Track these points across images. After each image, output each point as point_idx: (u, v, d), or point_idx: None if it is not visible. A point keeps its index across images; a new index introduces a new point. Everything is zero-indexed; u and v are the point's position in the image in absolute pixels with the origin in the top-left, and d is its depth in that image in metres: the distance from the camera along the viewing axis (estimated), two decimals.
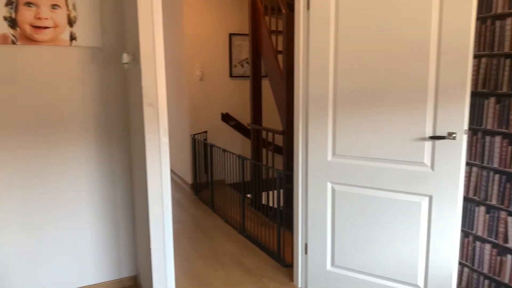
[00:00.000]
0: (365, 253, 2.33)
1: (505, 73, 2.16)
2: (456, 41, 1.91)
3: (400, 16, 2.04)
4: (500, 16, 2.16)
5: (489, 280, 2.33)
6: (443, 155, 2.01)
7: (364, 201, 2.28)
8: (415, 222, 2.15)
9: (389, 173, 2.18)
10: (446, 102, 1.97)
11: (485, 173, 2.30)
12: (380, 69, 2.13)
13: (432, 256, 2.13)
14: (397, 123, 2.11)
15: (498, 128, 2.22)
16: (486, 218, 2.31)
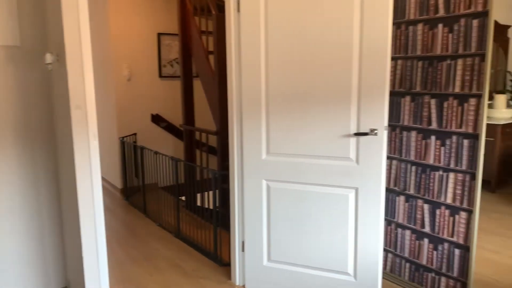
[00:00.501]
0: (299, 246, 2.43)
1: (418, 74, 2.38)
2: (376, 44, 2.07)
3: (325, 20, 2.16)
4: (412, 22, 2.37)
5: (409, 263, 2.55)
6: (366, 150, 2.17)
7: (297, 196, 2.38)
8: (344, 213, 2.28)
9: (319, 169, 2.29)
10: (368, 101, 2.12)
11: (404, 165, 2.52)
12: (308, 70, 2.24)
13: (360, 244, 2.28)
14: (325, 121, 2.23)
15: (413, 124, 2.44)
16: (406, 206, 2.54)
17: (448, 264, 2.34)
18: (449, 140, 2.27)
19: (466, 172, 2.21)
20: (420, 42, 2.34)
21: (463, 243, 2.26)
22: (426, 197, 2.42)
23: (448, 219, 2.32)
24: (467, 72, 2.15)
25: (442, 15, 2.22)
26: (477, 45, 2.09)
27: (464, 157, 2.21)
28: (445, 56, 2.23)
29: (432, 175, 2.37)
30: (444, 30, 2.22)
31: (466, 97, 2.17)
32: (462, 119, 2.20)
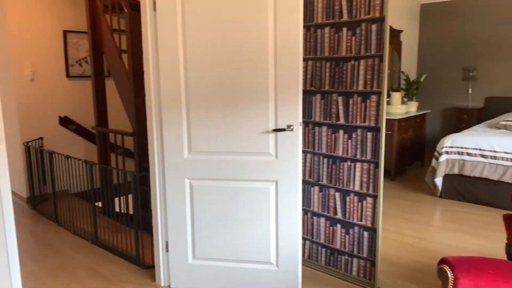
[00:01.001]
0: (224, 242, 2.49)
1: (326, 74, 2.59)
2: (289, 46, 2.21)
3: (242, 21, 2.25)
4: (320, 25, 2.57)
5: (325, 249, 2.76)
6: (284, 145, 2.30)
7: (221, 193, 2.44)
8: (265, 206, 2.40)
9: (241, 164, 2.38)
10: (284, 99, 2.25)
11: (317, 158, 2.72)
12: (227, 69, 2.31)
13: (280, 234, 2.42)
14: (245, 118, 2.32)
15: (324, 120, 2.64)
16: (320, 196, 2.74)
17: (358, 246, 2.58)
18: (355, 134, 2.50)
19: (371, 161, 2.46)
20: (327, 44, 2.55)
21: (370, 225, 2.51)
22: (337, 186, 2.64)
23: (357, 205, 2.55)
24: (369, 71, 2.39)
25: (346, 19, 2.44)
26: (376, 48, 2.34)
27: (368, 148, 2.46)
28: (349, 57, 2.46)
29: (341, 165, 2.59)
30: (348, 33, 2.44)
31: (368, 94, 2.42)
32: (366, 114, 2.44)
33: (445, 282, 1.56)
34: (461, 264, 1.55)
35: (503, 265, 1.59)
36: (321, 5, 2.53)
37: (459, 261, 1.57)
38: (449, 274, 1.54)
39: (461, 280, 1.51)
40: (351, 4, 2.40)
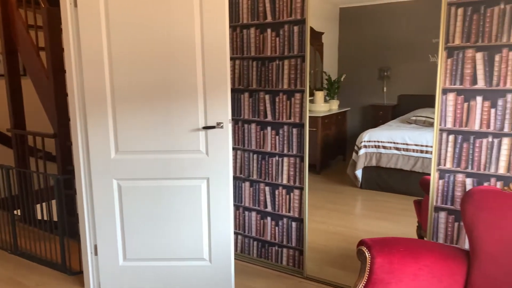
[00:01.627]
0: (156, 241, 2.48)
1: (253, 73, 2.68)
2: (216, 46, 2.26)
3: (169, 20, 2.26)
4: (246, 26, 2.66)
5: (256, 241, 2.86)
6: (214, 142, 2.35)
7: (152, 192, 2.42)
8: (197, 203, 2.43)
9: (172, 163, 2.38)
10: (213, 97, 2.30)
11: (247, 155, 2.81)
12: (156, 67, 2.30)
13: (213, 230, 2.46)
14: (175, 116, 2.33)
15: (252, 117, 2.74)
16: (251, 191, 2.83)
17: (287, 236, 2.71)
18: (282, 130, 2.62)
19: (296, 156, 2.60)
20: (253, 44, 2.64)
21: (298, 216, 2.65)
22: (266, 180, 2.74)
23: (285, 197, 2.68)
24: (292, 71, 2.52)
25: (270, 21, 2.55)
26: (299, 48, 2.48)
27: (294, 143, 2.60)
28: (274, 57, 2.57)
29: (270, 161, 2.70)
30: (272, 34, 2.56)
31: (292, 92, 2.55)
32: (291, 111, 2.57)
33: (363, 261, 1.71)
34: (376, 244, 1.72)
35: (412, 242, 1.79)
36: (246, 6, 2.62)
37: (375, 241, 1.74)
38: (367, 254, 1.70)
39: (377, 259, 1.67)
40: (274, 6, 2.51)
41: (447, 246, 1.82)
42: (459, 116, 2.05)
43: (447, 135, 2.09)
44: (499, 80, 1.93)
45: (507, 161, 1.95)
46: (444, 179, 2.13)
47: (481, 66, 1.96)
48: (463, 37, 1.98)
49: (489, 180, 2.01)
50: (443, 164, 2.12)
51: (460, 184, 2.08)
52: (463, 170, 2.07)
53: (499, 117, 1.95)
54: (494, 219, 1.64)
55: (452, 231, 2.14)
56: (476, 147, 2.02)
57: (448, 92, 2.06)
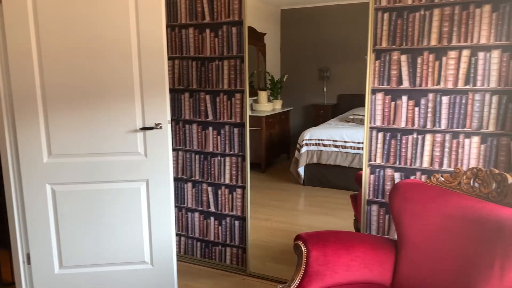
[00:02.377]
0: (95, 246, 2.40)
1: (193, 73, 2.67)
2: (153, 45, 2.23)
3: (103, 18, 2.19)
4: (184, 25, 2.64)
5: (200, 242, 2.86)
6: (153, 143, 2.32)
7: (89, 196, 2.34)
8: (137, 206, 2.38)
9: (110, 165, 2.32)
10: (150, 98, 2.27)
11: (189, 155, 2.79)
12: (91, 67, 2.22)
13: (154, 233, 2.42)
14: (112, 118, 2.27)
15: (194, 117, 2.73)
16: (193, 191, 2.82)
17: (231, 235, 2.74)
18: (223, 130, 2.64)
19: (238, 155, 2.63)
20: (192, 44, 2.63)
21: (240, 215, 2.69)
22: (209, 180, 2.75)
23: (228, 196, 2.70)
24: (232, 71, 2.55)
25: (208, 21, 2.56)
26: (237, 49, 2.51)
27: (235, 143, 2.63)
28: (213, 57, 2.58)
29: (212, 161, 2.71)
30: (211, 34, 2.57)
31: (232, 92, 2.57)
32: (232, 111, 2.60)
33: (300, 255, 1.78)
34: (312, 238, 1.79)
35: (345, 235, 1.89)
36: (184, 6, 2.61)
37: (310, 236, 1.82)
38: (303, 248, 1.77)
39: (312, 252, 1.75)
40: (212, 7, 2.52)
41: (377, 237, 1.93)
42: (387, 115, 2.18)
43: (376, 132, 2.22)
44: (421, 80, 2.08)
45: (430, 155, 2.11)
46: (375, 174, 2.26)
47: (406, 68, 2.10)
48: (389, 40, 2.12)
49: (415, 174, 2.16)
50: (374, 160, 2.24)
51: (389, 178, 2.22)
52: (391, 165, 2.21)
53: (422, 115, 2.10)
54: (418, 210, 1.77)
55: (384, 223, 2.28)
56: (403, 143, 2.16)
57: (376, 92, 2.18)
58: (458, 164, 2.05)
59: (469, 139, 2.02)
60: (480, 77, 1.96)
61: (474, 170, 1.73)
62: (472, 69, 1.97)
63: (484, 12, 1.92)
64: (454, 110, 2.03)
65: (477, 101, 1.98)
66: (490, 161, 1.99)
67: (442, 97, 2.05)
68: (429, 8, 2.01)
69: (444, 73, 2.03)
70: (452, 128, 2.05)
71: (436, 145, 2.09)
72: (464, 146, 2.04)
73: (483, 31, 1.93)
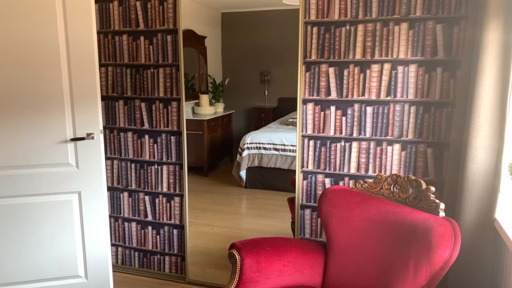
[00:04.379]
0: (23, 262, 2.29)
1: (128, 80, 2.63)
2: (83, 52, 2.16)
3: (30, 24, 2.09)
4: (118, 32, 2.59)
5: (138, 252, 2.81)
6: (85, 154, 2.25)
7: (17, 210, 2.23)
8: (69, 218, 2.30)
9: (38, 178, 2.22)
10: (81, 107, 2.20)
11: (124, 164, 2.74)
12: (15, 74, 2.11)
13: (88, 245, 2.36)
14: (40, 128, 2.17)
15: (129, 125, 2.68)
16: (130, 201, 2.77)
17: (169, 244, 2.72)
18: (160, 138, 2.62)
19: (176, 163, 2.62)
20: (126, 51, 2.59)
21: (179, 223, 2.68)
22: (146, 189, 2.72)
23: (166, 205, 2.69)
24: (168, 79, 2.54)
25: (143, 29, 2.52)
26: (173, 57, 2.50)
27: (173, 151, 2.62)
28: (149, 65, 2.55)
29: (149, 169, 2.68)
30: (145, 42, 2.53)
31: (169, 100, 2.56)
32: (168, 119, 2.59)
33: (234, 263, 1.82)
34: (245, 246, 1.84)
35: (278, 241, 1.96)
36: (117, 13, 2.55)
37: (244, 244, 1.86)
38: (237, 256, 1.81)
39: (246, 260, 1.80)
40: (147, 15, 2.49)
41: (308, 241, 2.03)
42: (317, 124, 2.28)
43: (308, 140, 2.32)
44: (348, 91, 2.20)
45: (356, 162, 2.25)
46: (307, 179, 2.36)
47: (334, 80, 2.21)
48: (318, 53, 2.22)
49: (344, 179, 2.28)
50: (306, 166, 2.34)
51: (320, 183, 2.33)
52: (322, 171, 2.32)
53: (349, 124, 2.23)
54: (343, 215, 1.88)
55: (316, 226, 2.38)
56: (332, 151, 2.28)
57: (307, 102, 2.28)
58: (382, 169, 2.20)
59: (391, 147, 2.18)
60: (399, 89, 2.12)
61: (394, 177, 1.87)
62: (393, 82, 2.12)
63: (402, 29, 2.07)
64: (378, 119, 2.18)
65: (398, 111, 2.14)
66: (410, 167, 2.16)
67: (366, 107, 2.18)
68: (354, 24, 2.14)
69: (368, 85, 2.16)
70: (376, 136, 2.19)
71: (362, 152, 2.23)
72: (387, 153, 2.19)
73: (402, 46, 2.08)
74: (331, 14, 2.17)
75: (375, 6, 2.10)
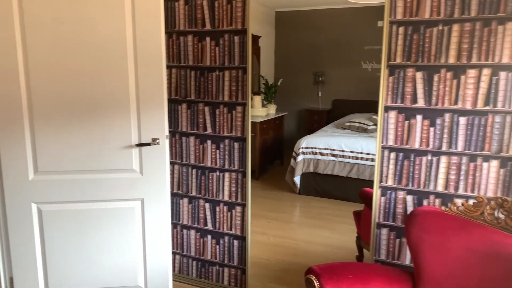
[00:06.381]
0: (85, 270, 2.23)
1: (192, 83, 2.51)
2: (151, 52, 2.06)
3: (97, 25, 2.02)
4: (183, 32, 2.48)
5: (196, 261, 2.70)
6: (150, 160, 2.15)
7: (78, 216, 2.17)
8: (131, 226, 2.22)
9: (102, 183, 2.15)
10: (147, 111, 2.10)
11: (185, 169, 2.63)
12: (83, 77, 2.04)
13: (148, 254, 2.26)
14: (105, 132, 2.10)
15: (191, 130, 2.57)
16: (190, 207, 2.66)
17: (229, 255, 2.59)
18: (223, 144, 2.49)
19: (238, 171, 2.48)
20: (191, 52, 2.47)
21: (240, 234, 2.54)
22: (206, 196, 2.60)
23: (226, 214, 2.55)
24: (233, 83, 2.40)
25: (209, 29, 2.40)
26: (240, 59, 2.36)
27: (236, 158, 2.48)
28: (214, 67, 2.43)
29: (210, 176, 2.56)
30: (211, 43, 2.40)
31: (233, 105, 2.42)
32: (232, 125, 2.45)
33: None
34: (325, 272, 1.66)
35: (360, 268, 1.76)
36: (182, 12, 2.44)
37: (323, 269, 1.68)
38: (316, 283, 1.63)
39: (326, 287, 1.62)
40: (213, 14, 2.36)
41: (393, 269, 1.81)
42: (400, 134, 2.06)
43: (388, 152, 2.10)
44: (437, 99, 1.96)
45: (444, 178, 2.00)
46: (386, 196, 2.14)
47: (421, 85, 1.98)
48: (404, 56, 1.99)
49: (429, 197, 2.04)
50: (385, 181, 2.12)
51: (401, 201, 2.10)
52: (404, 187, 2.09)
53: (438, 135, 1.99)
54: (438, 241, 1.65)
55: (394, 247, 2.16)
56: (416, 165, 2.05)
57: (389, 109, 2.06)
58: (476, 189, 1.95)
59: (488, 163, 1.92)
60: (501, 97, 1.85)
61: (499, 200, 1.62)
62: (493, 89, 1.86)
63: (507, 29, 1.81)
64: (472, 131, 1.92)
65: (497, 123, 1.87)
66: (510, 187, 1.89)
67: (459, 118, 1.94)
68: (448, 23, 1.90)
69: (463, 93, 1.91)
70: (470, 150, 1.94)
71: (452, 168, 1.98)
72: (482, 170, 1.93)
73: (506, 49, 1.82)
74: (421, 12, 1.94)
75: (474, 3, 1.84)
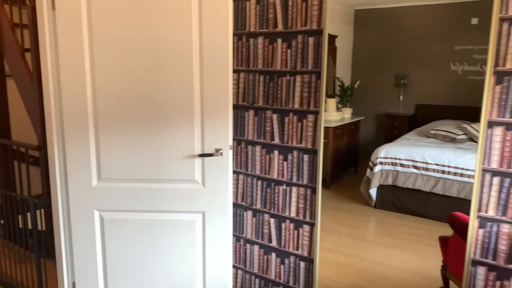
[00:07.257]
0: (144, 280, 2.16)
1: (260, 88, 2.33)
2: (217, 57, 1.92)
3: (162, 28, 1.92)
4: (253, 34, 2.30)
5: (259, 279, 2.52)
6: (212, 171, 2.01)
7: (139, 226, 2.10)
8: (191, 239, 2.10)
9: (163, 194, 2.05)
10: (211, 119, 1.96)
11: (250, 180, 2.46)
12: (146, 82, 1.96)
13: (208, 269, 2.13)
14: (167, 140, 2.00)
15: (257, 138, 2.39)
16: (253, 221, 2.49)
17: (294, 277, 2.37)
18: (291, 155, 2.28)
19: (307, 186, 2.25)
20: (261, 56, 2.29)
21: (307, 255, 2.31)
22: (272, 211, 2.40)
23: (293, 232, 2.34)
24: (305, 89, 2.17)
25: (281, 30, 2.19)
26: (313, 63, 2.12)
27: (305, 171, 2.25)
28: (284, 71, 2.22)
29: (276, 189, 2.36)
30: (283, 45, 2.20)
31: (305, 113, 2.20)
32: (302, 135, 2.22)
33: None
34: None
35: None
36: (253, 12, 2.26)
37: None
38: None
39: None
40: (287, 13, 2.15)
41: None
42: (507, 155, 1.68)
43: (491, 176, 1.73)
44: None
45: None
46: (485, 228, 1.77)
47: None
48: None
49: None
50: (485, 211, 1.76)
51: (505, 236, 1.73)
52: (509, 220, 1.71)
53: None
54: None
55: None
56: None
57: (494, 125, 1.70)
58: None
59: None
60: None
61: None
62: None
63: None
64: None
65: None
66: None
67: None
68: None
69: None
70: None
71: None
72: None
73: None
74: None
75: None
